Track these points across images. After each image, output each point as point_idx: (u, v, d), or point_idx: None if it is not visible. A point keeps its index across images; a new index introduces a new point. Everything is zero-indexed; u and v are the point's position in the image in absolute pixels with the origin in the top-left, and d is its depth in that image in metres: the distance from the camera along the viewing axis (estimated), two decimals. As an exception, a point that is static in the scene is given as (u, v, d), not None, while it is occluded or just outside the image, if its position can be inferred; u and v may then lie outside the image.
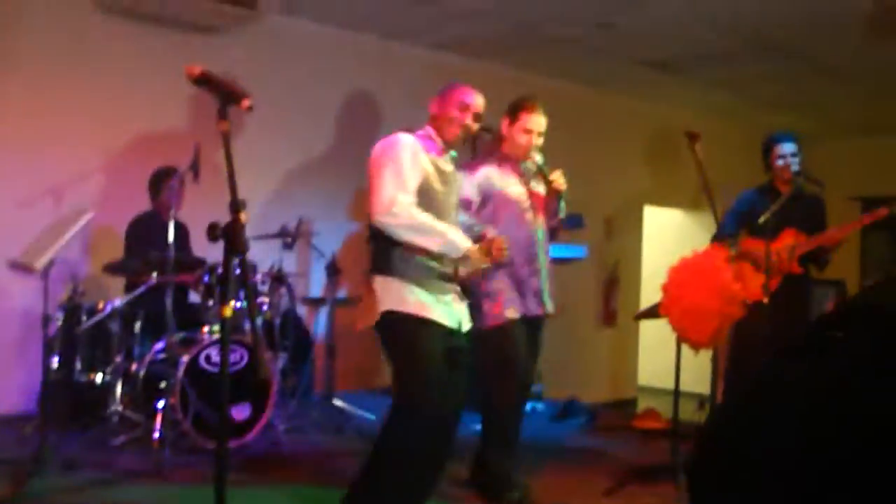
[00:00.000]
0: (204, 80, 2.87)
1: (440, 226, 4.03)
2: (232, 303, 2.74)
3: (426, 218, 4.01)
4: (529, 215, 5.08)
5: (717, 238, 5.43)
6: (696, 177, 4.94)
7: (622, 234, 10.36)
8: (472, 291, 4.94)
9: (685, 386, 5.68)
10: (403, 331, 4.04)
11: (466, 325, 4.27)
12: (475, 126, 4.31)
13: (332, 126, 7.82)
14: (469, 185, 4.98)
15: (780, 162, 5.83)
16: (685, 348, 4.85)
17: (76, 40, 6.70)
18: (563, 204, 5.22)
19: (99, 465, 5.25)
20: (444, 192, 4.18)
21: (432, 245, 4.01)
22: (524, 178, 5.15)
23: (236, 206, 2.75)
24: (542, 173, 5.06)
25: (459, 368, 4.12)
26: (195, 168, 5.55)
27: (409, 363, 4.06)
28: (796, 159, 5.85)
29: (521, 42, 8.26)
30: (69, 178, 6.62)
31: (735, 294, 4.23)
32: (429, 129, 4.29)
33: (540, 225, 5.13)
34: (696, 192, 10.76)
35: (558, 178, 5.04)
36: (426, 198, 4.08)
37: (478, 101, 4.33)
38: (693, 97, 10.07)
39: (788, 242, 5.62)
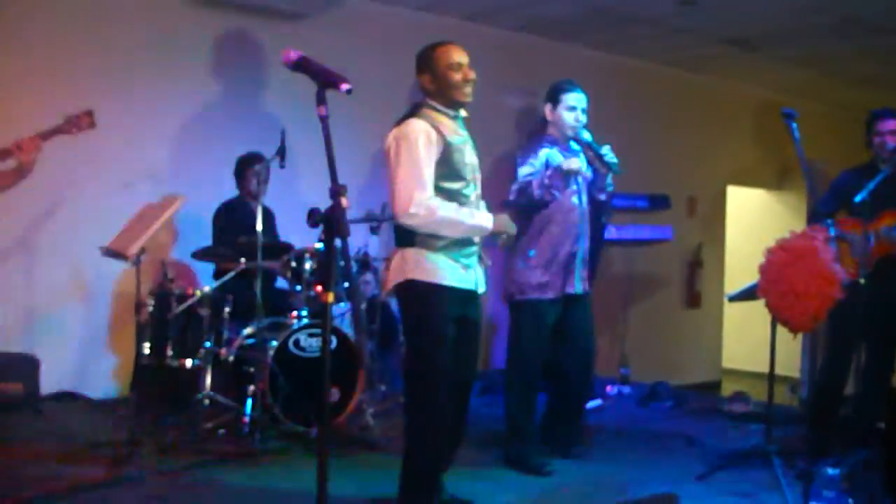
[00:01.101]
0: (301, 66, 2.87)
1: (461, 215, 4.07)
2: (332, 288, 2.76)
3: (446, 211, 4.02)
4: (575, 198, 5.26)
5: (814, 218, 5.31)
6: (779, 156, 4.85)
7: (706, 214, 10.22)
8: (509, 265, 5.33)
9: (776, 369, 5.58)
10: (416, 296, 4.12)
11: (481, 288, 4.30)
12: (474, 74, 4.21)
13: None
14: (525, 167, 5.23)
15: (877, 139, 5.67)
16: (779, 330, 4.75)
17: (166, 31, 6.78)
18: (610, 179, 5.35)
19: (191, 448, 5.31)
20: (462, 159, 4.16)
21: (456, 233, 4.09)
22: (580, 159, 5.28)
23: (337, 191, 2.74)
24: (592, 150, 5.18)
25: (470, 336, 4.26)
26: (281, 153, 5.57)
27: (420, 328, 4.16)
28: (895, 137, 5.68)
29: (601, 23, 8.17)
30: (160, 166, 6.71)
31: (835, 275, 4.13)
32: (432, 104, 4.20)
33: (584, 201, 5.31)
34: (780, 171, 10.61)
35: (609, 153, 5.14)
36: (446, 168, 4.09)
37: (460, 51, 4.22)
38: (777, 75, 9.87)
39: (886, 222, 5.46)
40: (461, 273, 4.14)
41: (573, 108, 5.22)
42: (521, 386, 5.39)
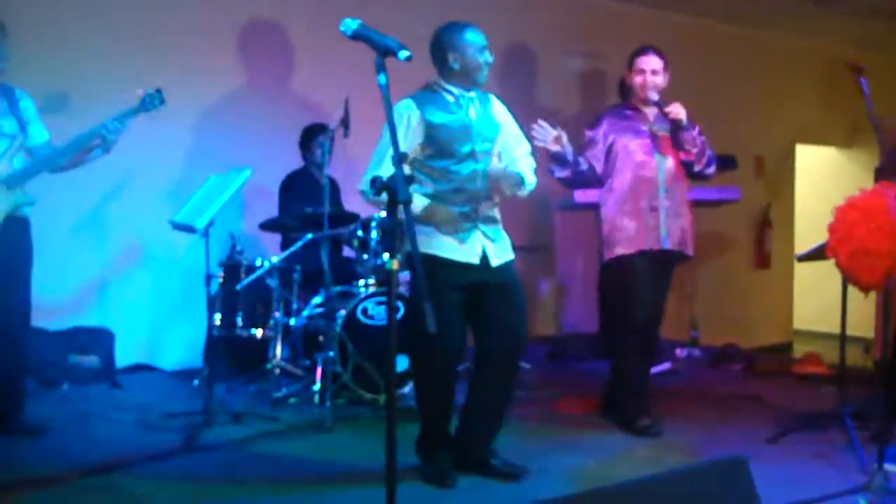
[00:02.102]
0: (360, 34, 2.88)
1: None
2: (397, 255, 2.82)
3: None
4: (650, 157, 5.26)
5: (882, 173, 5.21)
6: (849, 112, 4.76)
7: (774, 174, 10.06)
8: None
9: (848, 329, 5.49)
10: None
11: (497, 261, 4.35)
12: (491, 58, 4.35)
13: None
14: (591, 140, 5.40)
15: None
16: (850, 290, 4.68)
17: (227, 6, 6.83)
18: (693, 134, 5.29)
19: (263, 417, 5.39)
20: (453, 138, 4.26)
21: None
22: (644, 122, 5.36)
23: (398, 158, 2.75)
24: (660, 108, 5.25)
25: (500, 301, 4.33)
26: (345, 123, 5.59)
27: (414, 296, 4.45)
28: None
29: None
30: (226, 138, 6.79)
31: (907, 233, 4.04)
32: (441, 83, 4.34)
33: (664, 165, 5.28)
34: (850, 128, 10.39)
35: (674, 108, 5.18)
36: (434, 147, 4.25)
37: (480, 34, 4.33)
38: (846, 28, 9.63)
39: (959, 177, 5.34)
40: (458, 246, 4.27)
41: (642, 71, 5.30)
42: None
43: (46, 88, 5.70)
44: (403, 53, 2.82)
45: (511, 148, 4.50)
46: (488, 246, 4.33)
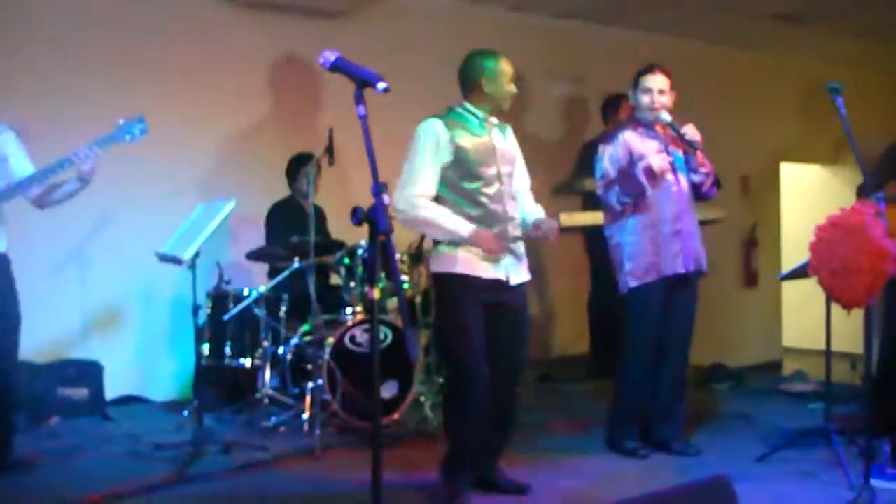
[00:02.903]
0: (338, 66, 2.91)
1: (441, 218, 4.26)
2: (379, 284, 2.83)
3: (427, 212, 4.26)
4: (670, 176, 5.19)
5: (863, 191, 5.24)
6: (833, 130, 4.80)
7: (760, 192, 10.11)
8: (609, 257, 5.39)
9: (835, 346, 5.52)
10: (440, 288, 4.43)
11: (516, 280, 4.43)
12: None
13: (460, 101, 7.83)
14: (606, 159, 5.26)
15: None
16: (835, 308, 4.71)
17: (208, 36, 6.88)
18: (698, 160, 5.25)
19: (253, 446, 5.38)
20: (480, 160, 4.35)
21: (437, 234, 4.34)
22: (662, 142, 5.25)
23: (379, 188, 2.78)
24: (672, 130, 5.16)
25: (509, 322, 4.41)
26: (330, 152, 5.63)
27: (443, 316, 4.48)
28: None
29: (644, 4, 8.12)
30: (210, 169, 6.81)
31: (887, 250, 4.08)
32: (466, 105, 4.45)
33: (679, 183, 5.23)
34: (834, 145, 10.44)
35: (690, 129, 5.15)
36: (462, 169, 4.32)
37: (510, 64, 4.47)
38: (825, 48, 9.72)
39: (938, 193, 5.38)
40: (484, 264, 4.30)
41: (648, 91, 5.21)
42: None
43: (28, 121, 5.70)
44: (381, 85, 2.85)
45: (520, 178, 4.63)
46: (512, 264, 4.41)
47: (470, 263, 4.29)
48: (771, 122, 10.11)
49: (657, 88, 5.21)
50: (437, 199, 4.32)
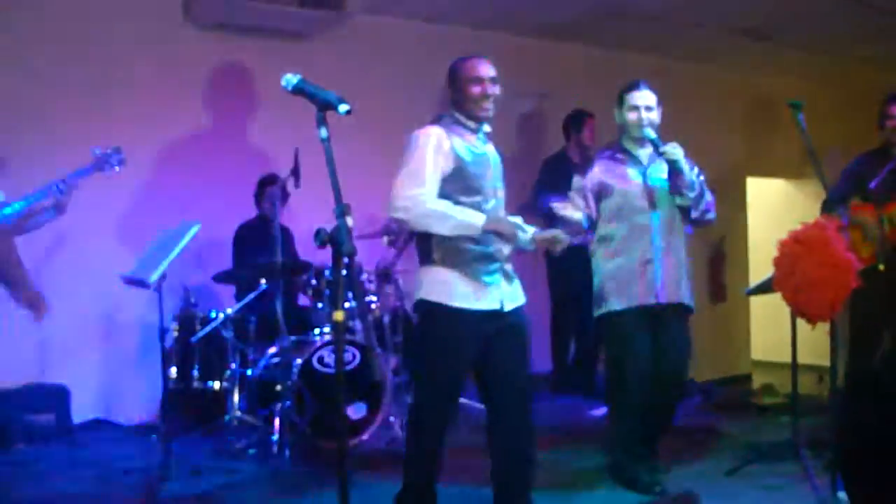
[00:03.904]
0: (301, 88, 2.91)
1: (450, 209, 3.97)
2: (343, 306, 2.78)
3: (434, 204, 3.96)
4: (642, 203, 4.95)
5: (827, 206, 5.29)
6: (797, 144, 4.83)
7: (726, 207, 10.10)
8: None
9: (803, 359, 5.56)
10: (431, 318, 4.11)
11: (510, 305, 4.14)
12: (498, 90, 4.16)
13: (427, 120, 7.83)
14: (580, 189, 5.08)
15: (890, 123, 5.63)
16: (801, 321, 4.74)
17: (173, 59, 6.85)
18: (692, 176, 4.99)
19: (222, 469, 5.35)
20: (479, 173, 4.10)
21: (445, 229, 3.97)
22: (638, 166, 5.06)
23: (341, 210, 2.77)
24: (654, 147, 4.93)
25: (509, 349, 4.12)
26: (296, 173, 5.63)
27: (426, 347, 4.18)
28: None
29: (609, 22, 8.17)
30: (176, 190, 6.78)
31: (848, 264, 4.12)
32: (455, 115, 4.18)
33: (658, 211, 4.97)
34: (799, 160, 10.49)
35: (669, 149, 4.83)
36: (461, 182, 4.04)
37: (486, 67, 4.16)
38: (788, 62, 9.80)
39: (897, 208, 5.44)
40: (480, 293, 4.04)
41: (635, 108, 4.98)
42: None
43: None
44: (343, 108, 2.85)
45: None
46: (505, 290, 4.14)
47: (468, 294, 4.02)
48: (736, 137, 10.18)
49: (644, 104, 4.98)
50: None
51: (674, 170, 4.88)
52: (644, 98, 5.01)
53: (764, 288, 5.05)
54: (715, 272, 10.06)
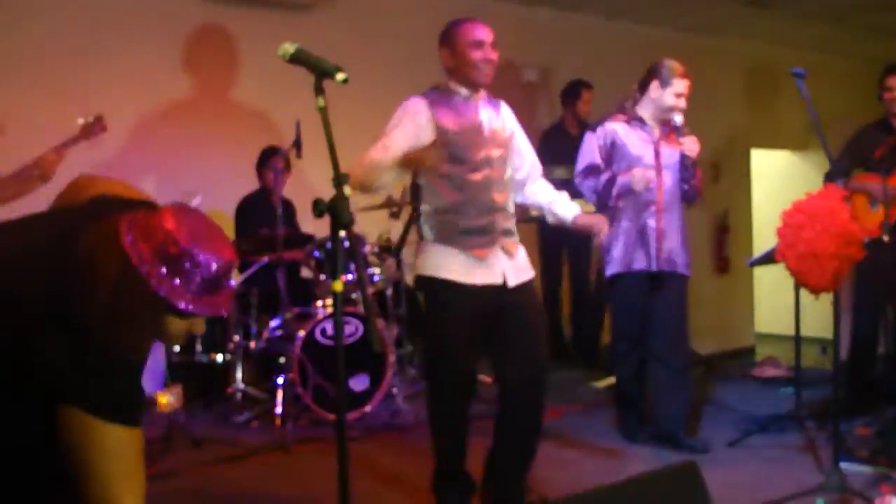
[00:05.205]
0: (299, 58, 2.88)
1: (372, 156, 3.87)
2: (342, 277, 2.74)
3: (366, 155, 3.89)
4: (650, 173, 5.11)
5: (830, 177, 5.28)
6: (801, 115, 4.81)
7: (730, 179, 10.13)
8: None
9: (806, 331, 5.56)
10: (428, 293, 4.06)
11: (515, 280, 4.02)
12: (497, 55, 4.05)
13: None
14: (591, 148, 5.25)
15: (887, 95, 5.61)
16: (804, 293, 4.72)
17: (173, 29, 6.81)
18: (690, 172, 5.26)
19: (225, 441, 5.38)
20: (465, 143, 3.95)
21: (364, 171, 3.86)
22: (656, 137, 5.25)
23: (339, 181, 2.75)
24: (677, 134, 5.14)
25: (519, 326, 4.00)
26: (298, 145, 5.61)
27: (429, 325, 4.15)
28: None
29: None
30: (178, 162, 6.75)
31: (853, 234, 4.09)
32: (449, 84, 4.07)
33: (664, 184, 5.21)
34: (803, 131, 10.49)
35: (688, 143, 5.10)
36: (448, 153, 3.90)
37: (484, 30, 4.03)
38: (790, 32, 9.73)
39: (902, 178, 5.41)
40: (475, 267, 3.94)
41: (680, 94, 5.18)
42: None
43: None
44: (340, 76, 2.81)
45: (525, 156, 4.27)
46: (507, 264, 4.00)
47: (461, 268, 3.92)
48: (740, 108, 10.14)
49: (685, 94, 5.20)
50: (416, 188, 4.04)
51: (688, 162, 5.18)
52: (685, 86, 5.19)
53: (767, 258, 5.04)
54: (718, 244, 10.05)
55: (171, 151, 6.78)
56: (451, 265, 3.94)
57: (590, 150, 5.25)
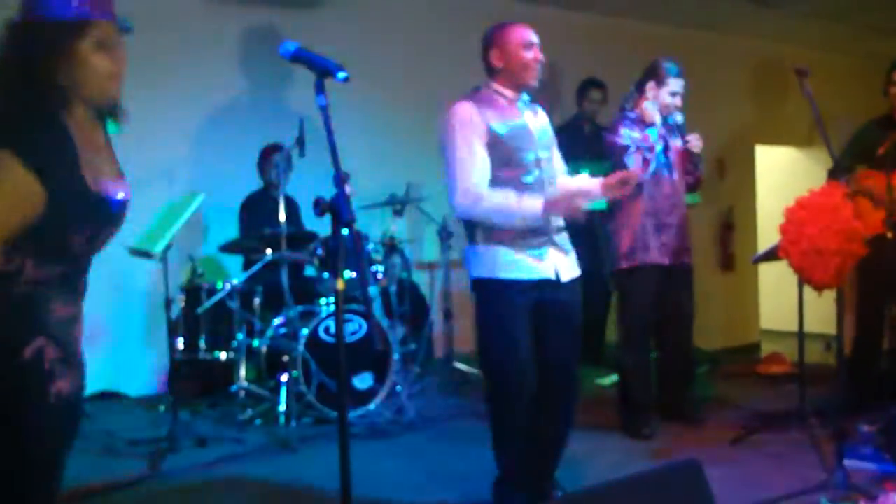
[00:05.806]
0: (300, 56, 2.89)
1: (508, 202, 3.83)
2: (344, 275, 2.72)
3: (493, 200, 3.84)
4: (667, 172, 5.37)
5: (834, 174, 5.26)
6: (805, 112, 4.79)
7: (735, 175, 10.12)
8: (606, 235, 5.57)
9: (811, 327, 5.55)
10: (483, 295, 4.02)
11: (566, 276, 4.03)
12: (542, 56, 4.08)
13: (432, 89, 7.78)
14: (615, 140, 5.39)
15: (892, 89, 5.60)
16: (808, 289, 4.72)
17: (179, 26, 6.81)
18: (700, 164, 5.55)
19: (229, 440, 5.37)
20: (517, 146, 3.95)
21: (509, 225, 3.87)
22: (663, 136, 5.40)
23: (340, 179, 2.75)
24: (679, 132, 5.38)
25: (558, 322, 4.02)
26: (301, 143, 5.61)
27: (484, 325, 4.09)
28: None
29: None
30: (181, 160, 6.76)
31: (856, 231, 4.09)
32: (492, 86, 4.05)
33: (674, 181, 5.46)
34: (807, 128, 10.47)
35: (693, 140, 5.36)
36: (498, 157, 3.91)
37: (532, 32, 4.08)
38: (795, 29, 9.71)
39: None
40: (528, 264, 3.92)
41: (676, 94, 5.41)
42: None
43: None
44: (341, 75, 2.82)
45: (557, 164, 4.24)
46: (560, 260, 4.02)
47: (513, 266, 3.90)
48: (745, 105, 10.13)
49: (681, 92, 5.42)
50: None
51: (692, 156, 5.44)
52: (681, 85, 5.44)
53: (771, 255, 5.03)
54: (723, 241, 10.04)
55: (176, 150, 6.79)
56: (509, 265, 3.91)
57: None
